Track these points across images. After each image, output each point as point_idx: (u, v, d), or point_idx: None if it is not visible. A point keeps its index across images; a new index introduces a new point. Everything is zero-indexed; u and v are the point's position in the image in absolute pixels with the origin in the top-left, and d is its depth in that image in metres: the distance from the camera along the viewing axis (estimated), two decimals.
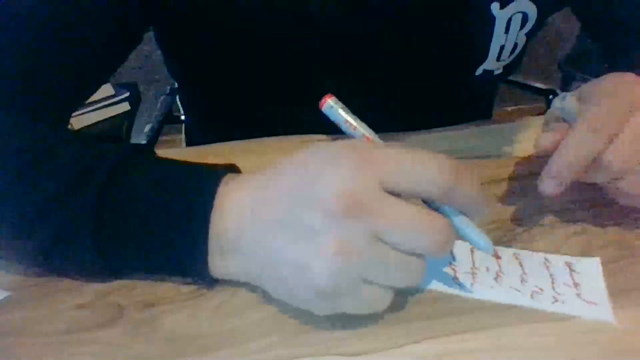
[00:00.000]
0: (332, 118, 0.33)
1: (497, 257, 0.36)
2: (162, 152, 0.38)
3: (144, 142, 0.99)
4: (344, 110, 0.33)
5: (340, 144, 0.30)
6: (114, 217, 0.32)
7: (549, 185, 0.36)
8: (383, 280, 0.29)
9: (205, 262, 0.32)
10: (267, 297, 0.34)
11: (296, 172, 0.30)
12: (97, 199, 0.32)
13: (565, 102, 0.38)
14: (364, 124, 0.33)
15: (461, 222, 0.31)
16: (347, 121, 0.33)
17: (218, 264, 0.33)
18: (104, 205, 0.32)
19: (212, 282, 0.34)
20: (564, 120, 0.38)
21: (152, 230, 0.32)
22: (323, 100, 0.33)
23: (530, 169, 0.46)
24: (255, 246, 0.31)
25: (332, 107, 0.33)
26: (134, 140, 1.01)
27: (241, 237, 0.31)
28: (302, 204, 0.29)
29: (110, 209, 0.32)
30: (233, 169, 0.36)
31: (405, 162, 0.29)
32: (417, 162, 0.29)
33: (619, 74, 0.39)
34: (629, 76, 0.38)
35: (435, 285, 0.34)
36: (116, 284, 0.35)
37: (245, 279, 0.33)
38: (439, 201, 0.30)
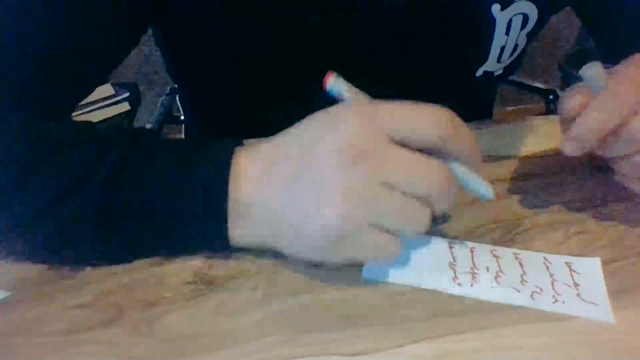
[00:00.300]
0: (337, 94, 0.34)
1: (498, 198, 0.35)
2: None
3: None
4: (347, 84, 0.34)
5: (340, 105, 0.33)
6: (133, 192, 0.33)
7: (570, 146, 0.37)
8: (390, 225, 0.31)
9: (225, 230, 0.34)
10: (267, 297, 0.34)
11: (301, 134, 0.33)
12: (114, 178, 0.33)
13: (593, 69, 0.38)
14: (367, 96, 0.34)
15: (462, 171, 0.33)
16: (351, 93, 0.34)
17: (236, 232, 0.34)
18: (122, 182, 0.33)
19: (229, 249, 0.35)
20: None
21: (171, 204, 0.33)
22: (326, 78, 0.34)
23: (530, 169, 0.46)
24: (269, 206, 0.33)
25: (336, 81, 0.34)
26: None
27: (256, 201, 0.33)
28: (310, 157, 0.31)
29: (128, 186, 0.33)
30: (238, 141, 0.37)
31: (404, 114, 0.31)
32: (416, 113, 0.31)
33: None
34: None
35: (435, 285, 0.34)
36: (116, 284, 0.35)
37: (262, 244, 0.35)
38: (437, 148, 0.31)
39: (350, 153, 0.30)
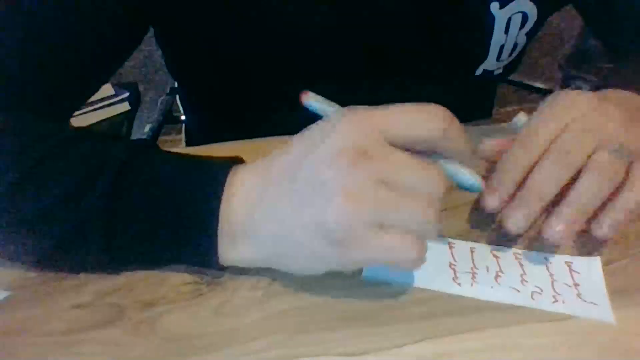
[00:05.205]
0: (316, 109, 0.33)
1: (491, 190, 0.35)
2: None
3: None
4: (325, 100, 0.33)
5: (333, 115, 0.32)
6: (126, 210, 0.33)
7: (491, 199, 0.36)
8: (398, 222, 0.30)
9: (215, 251, 0.33)
10: (267, 297, 0.34)
11: (297, 146, 0.32)
12: (109, 193, 0.32)
13: (516, 118, 0.40)
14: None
15: (450, 167, 0.32)
16: (332, 107, 0.33)
17: (229, 251, 0.33)
18: (116, 199, 0.32)
19: (220, 270, 0.35)
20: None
21: (163, 221, 0.33)
22: (302, 96, 0.33)
23: None
24: (266, 224, 0.32)
25: (312, 97, 0.33)
26: None
27: (251, 219, 0.32)
28: (308, 167, 0.30)
29: (122, 203, 0.33)
30: (239, 161, 0.36)
31: (399, 115, 0.31)
32: (411, 113, 0.31)
33: (575, 92, 0.37)
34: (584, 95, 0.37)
35: (435, 285, 0.34)
36: (116, 284, 0.35)
37: (256, 263, 0.34)
38: (433, 146, 0.31)
39: (348, 155, 0.29)
